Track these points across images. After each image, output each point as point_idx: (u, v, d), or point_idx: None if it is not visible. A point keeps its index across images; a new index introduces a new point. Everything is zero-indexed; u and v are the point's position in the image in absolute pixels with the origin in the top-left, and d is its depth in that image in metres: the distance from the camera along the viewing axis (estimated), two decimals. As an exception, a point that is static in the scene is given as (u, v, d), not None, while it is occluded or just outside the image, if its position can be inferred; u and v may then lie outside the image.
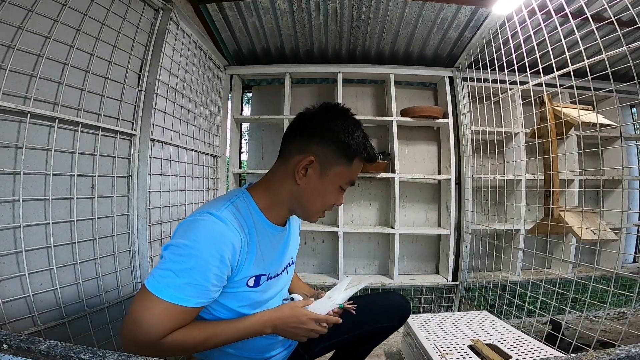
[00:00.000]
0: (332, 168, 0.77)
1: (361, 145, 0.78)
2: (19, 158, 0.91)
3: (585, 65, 1.24)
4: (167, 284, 0.64)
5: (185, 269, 0.65)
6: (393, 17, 1.85)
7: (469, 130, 2.15)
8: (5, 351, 0.53)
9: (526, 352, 1.11)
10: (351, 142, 0.76)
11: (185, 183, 1.68)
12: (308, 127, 0.79)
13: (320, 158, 0.76)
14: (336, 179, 0.78)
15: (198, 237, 0.66)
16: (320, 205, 0.80)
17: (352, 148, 0.77)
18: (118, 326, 1.21)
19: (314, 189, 0.78)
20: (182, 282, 0.64)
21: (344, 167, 0.78)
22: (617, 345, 0.66)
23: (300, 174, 0.76)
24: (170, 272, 0.65)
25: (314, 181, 0.77)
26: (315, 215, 0.82)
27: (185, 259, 0.65)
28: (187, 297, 0.65)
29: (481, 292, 2.06)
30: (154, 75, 1.36)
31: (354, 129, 0.78)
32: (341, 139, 0.76)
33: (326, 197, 0.79)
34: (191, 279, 0.65)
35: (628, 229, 2.38)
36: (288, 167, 0.78)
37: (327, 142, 0.76)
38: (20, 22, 0.91)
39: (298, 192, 0.78)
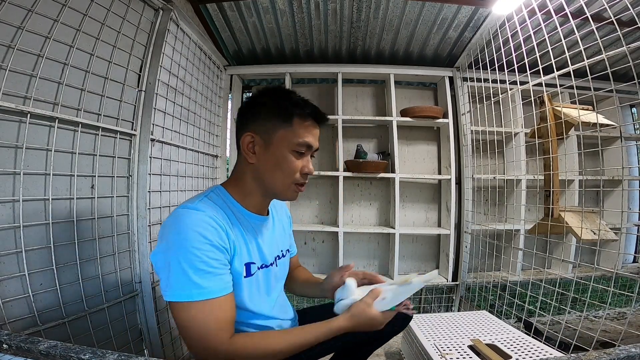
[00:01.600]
0: (274, 135, 0.77)
1: (295, 104, 0.79)
2: (19, 158, 0.91)
3: (585, 65, 1.24)
4: (182, 286, 0.65)
5: (186, 264, 0.65)
6: (393, 17, 1.85)
7: (469, 130, 2.15)
8: (5, 351, 0.53)
9: (526, 352, 1.11)
10: (281, 104, 0.78)
11: (185, 183, 1.67)
12: (242, 112, 0.83)
13: (259, 131, 0.78)
14: (283, 144, 0.77)
15: (180, 230, 0.67)
16: (283, 176, 0.79)
17: (285, 110, 0.78)
18: (118, 326, 1.21)
19: (267, 162, 0.78)
20: (192, 276, 0.65)
21: (285, 130, 0.77)
22: (617, 345, 0.66)
23: (249, 153, 0.78)
24: (177, 276, 0.65)
25: (264, 154, 0.78)
26: (287, 190, 0.81)
27: (180, 254, 0.65)
28: (207, 288, 0.65)
29: (481, 292, 2.06)
30: (154, 75, 1.36)
31: (283, 94, 0.81)
32: (269, 105, 0.78)
33: (284, 166, 0.78)
34: (196, 270, 0.65)
35: (628, 229, 2.38)
36: (241, 155, 0.81)
37: (259, 115, 0.79)
38: (20, 22, 0.91)
39: (257, 171, 0.80)
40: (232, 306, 0.71)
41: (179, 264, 0.65)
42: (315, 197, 2.40)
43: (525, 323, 1.64)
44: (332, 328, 0.76)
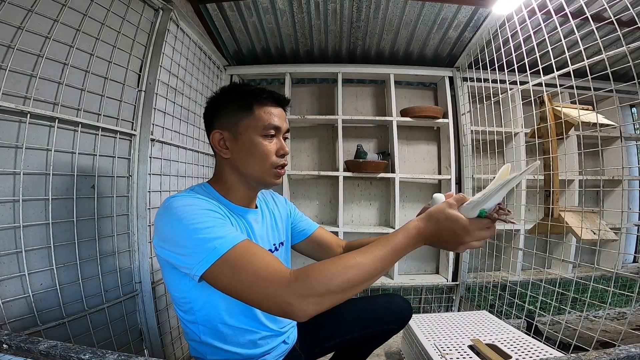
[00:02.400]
0: (239, 126, 0.79)
1: (251, 92, 0.80)
2: (19, 158, 0.91)
3: (585, 65, 1.24)
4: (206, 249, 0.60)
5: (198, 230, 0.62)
6: (393, 17, 1.85)
7: (469, 130, 2.15)
8: (5, 351, 0.53)
9: (526, 352, 1.11)
10: (238, 96, 0.80)
11: (185, 183, 1.67)
12: (206, 113, 0.85)
13: (224, 127, 0.80)
14: (250, 132, 0.79)
15: (175, 212, 0.66)
16: (257, 161, 0.79)
17: (244, 99, 0.79)
18: (118, 326, 1.21)
19: (240, 152, 0.79)
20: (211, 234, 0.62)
21: (248, 119, 0.79)
22: (617, 345, 0.66)
23: (222, 149, 0.80)
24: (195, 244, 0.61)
25: (235, 147, 0.79)
26: (267, 174, 0.80)
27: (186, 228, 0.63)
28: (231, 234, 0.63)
29: (481, 292, 2.06)
30: (154, 75, 1.36)
31: (238, 87, 0.83)
32: (228, 100, 0.81)
33: (255, 152, 0.79)
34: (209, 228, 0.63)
35: (628, 229, 2.38)
36: (216, 155, 0.84)
37: (220, 112, 0.81)
38: (20, 22, 0.91)
39: (234, 164, 0.81)
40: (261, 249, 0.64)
41: (190, 235, 0.62)
42: (316, 197, 2.40)
43: (527, 323, 1.64)
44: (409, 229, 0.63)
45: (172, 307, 1.50)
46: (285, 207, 1.04)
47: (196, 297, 0.75)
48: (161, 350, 1.38)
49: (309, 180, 2.40)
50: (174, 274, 0.73)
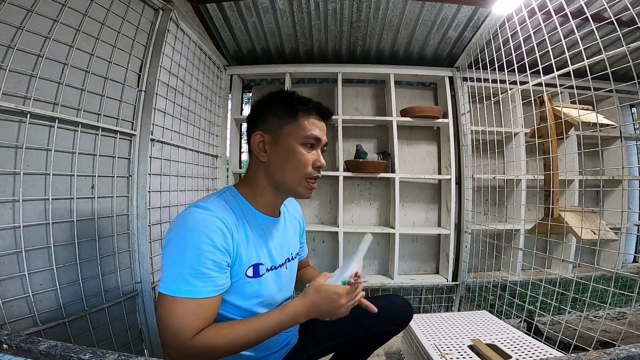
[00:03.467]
0: (281, 131, 0.80)
1: (299, 100, 0.83)
2: (19, 158, 0.91)
3: (585, 65, 1.24)
4: (175, 281, 0.67)
5: (184, 262, 0.67)
6: (393, 17, 1.85)
7: (469, 130, 2.15)
8: (5, 351, 0.53)
9: (526, 352, 1.11)
10: (285, 102, 0.82)
11: (185, 183, 1.68)
12: (250, 115, 0.86)
13: (267, 130, 0.81)
14: (291, 139, 0.80)
15: (187, 228, 0.70)
16: (293, 168, 0.80)
17: (290, 106, 0.81)
18: (118, 326, 1.21)
19: (278, 157, 0.80)
20: (186, 274, 0.67)
21: (292, 125, 0.80)
22: (617, 345, 0.66)
23: (260, 151, 0.81)
24: (172, 270, 0.68)
25: (274, 151, 0.81)
26: (299, 185, 0.81)
27: (180, 252, 0.68)
28: (196, 288, 0.67)
29: (481, 292, 2.06)
30: (154, 75, 1.36)
31: (285, 93, 0.85)
32: (274, 104, 0.83)
33: (294, 158, 0.80)
34: (191, 269, 0.67)
35: (628, 229, 2.38)
36: (252, 156, 0.84)
37: (265, 115, 0.83)
38: (20, 22, 0.91)
39: (269, 168, 0.82)
40: (216, 307, 0.72)
41: (179, 260, 0.68)
42: (316, 197, 2.40)
43: (527, 323, 1.64)
44: (288, 311, 0.74)
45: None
46: (301, 225, 1.06)
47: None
48: (161, 350, 1.38)
49: (309, 180, 2.40)
50: None
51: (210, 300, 0.69)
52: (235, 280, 0.76)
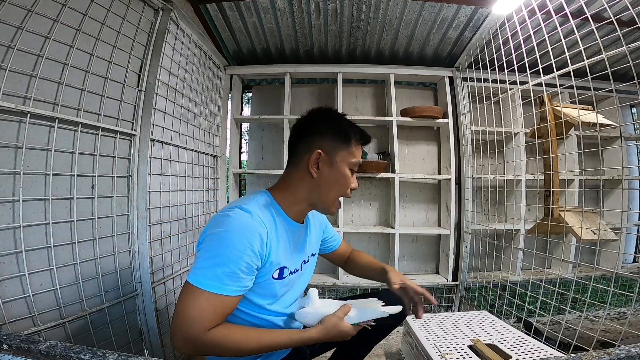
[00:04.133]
0: (337, 154, 0.87)
1: (352, 129, 0.90)
2: (19, 158, 0.91)
3: (585, 65, 1.24)
4: (206, 275, 0.71)
5: (221, 260, 0.72)
6: (393, 17, 1.85)
7: (469, 130, 2.15)
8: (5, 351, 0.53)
9: (526, 352, 1.11)
10: (343, 128, 0.89)
11: (185, 183, 1.68)
12: (306, 130, 0.90)
13: (326, 149, 0.86)
14: (344, 162, 0.87)
15: (229, 229, 0.74)
16: (337, 190, 0.88)
17: (347, 133, 0.88)
18: (118, 326, 1.21)
19: (328, 177, 0.87)
20: (220, 271, 0.71)
21: (346, 151, 0.88)
22: (617, 345, 0.66)
23: (314, 167, 0.86)
24: (208, 265, 0.72)
25: (327, 170, 0.87)
26: (333, 205, 0.90)
27: (220, 249, 0.72)
28: (225, 285, 0.72)
29: (481, 292, 2.06)
30: (154, 75, 1.36)
31: (341, 119, 0.92)
32: (336, 129, 0.88)
33: (341, 182, 0.88)
34: (226, 267, 0.72)
35: (628, 229, 2.38)
36: (301, 167, 0.88)
37: (325, 135, 0.88)
38: (20, 22, 0.91)
39: (316, 184, 0.87)
40: (234, 306, 0.76)
41: (216, 257, 0.72)
42: (315, 197, 2.40)
43: (525, 323, 1.64)
44: (303, 337, 0.81)
45: (172, 307, 1.51)
46: (321, 223, 1.13)
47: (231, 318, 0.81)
48: (161, 350, 1.38)
49: (309, 180, 2.40)
50: None
51: (232, 298, 0.74)
52: (261, 281, 0.81)
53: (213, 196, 2.04)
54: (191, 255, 1.72)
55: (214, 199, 2.05)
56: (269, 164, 2.41)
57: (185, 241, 1.65)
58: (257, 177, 2.44)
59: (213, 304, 0.71)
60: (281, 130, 2.23)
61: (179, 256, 1.59)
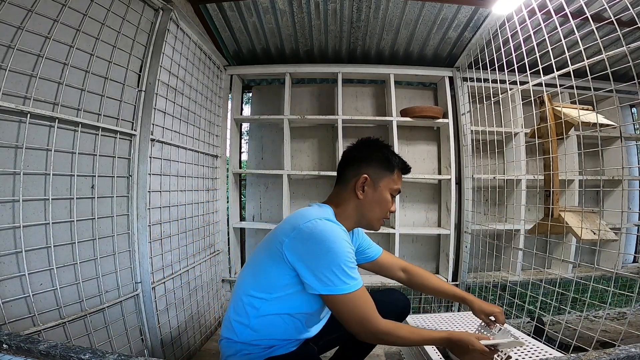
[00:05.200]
0: (381, 180, 0.99)
1: (396, 158, 1.02)
2: (19, 158, 0.91)
3: (585, 65, 1.24)
4: (344, 281, 0.83)
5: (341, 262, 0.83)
6: (393, 17, 1.85)
7: (469, 130, 2.15)
8: (5, 351, 0.53)
9: (526, 352, 1.11)
10: (388, 158, 1.01)
11: (185, 183, 1.68)
12: (356, 156, 1.03)
13: (371, 175, 0.98)
14: (386, 188, 1.00)
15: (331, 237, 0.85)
16: (379, 212, 1.00)
17: (391, 162, 1.01)
18: (118, 326, 1.21)
19: (372, 199, 0.99)
20: (347, 272, 0.84)
21: (389, 178, 1.00)
22: (617, 345, 0.66)
23: (360, 190, 0.98)
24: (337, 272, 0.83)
25: (371, 193, 0.99)
26: (377, 223, 1.02)
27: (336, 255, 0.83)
28: (358, 279, 0.86)
29: (481, 292, 2.06)
30: (154, 75, 1.36)
31: (387, 150, 1.03)
32: (381, 158, 1.01)
33: (382, 204, 1.00)
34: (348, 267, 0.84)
35: (628, 229, 2.38)
36: (349, 188, 1.00)
37: (372, 162, 1.00)
38: (20, 22, 0.91)
39: (361, 205, 0.99)
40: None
41: (337, 263, 0.83)
42: (316, 197, 2.40)
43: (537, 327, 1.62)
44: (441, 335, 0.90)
45: (172, 307, 1.51)
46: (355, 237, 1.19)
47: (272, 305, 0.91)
48: (161, 350, 1.38)
49: (309, 180, 2.40)
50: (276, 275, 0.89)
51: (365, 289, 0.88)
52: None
53: (213, 196, 2.04)
54: (191, 255, 1.72)
55: (214, 199, 2.05)
56: (269, 164, 2.41)
57: (185, 241, 1.65)
58: (257, 177, 2.44)
59: (366, 295, 0.86)
60: (281, 130, 2.23)
61: (179, 256, 1.59)
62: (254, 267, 0.96)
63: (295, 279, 0.88)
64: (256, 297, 0.91)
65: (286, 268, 0.87)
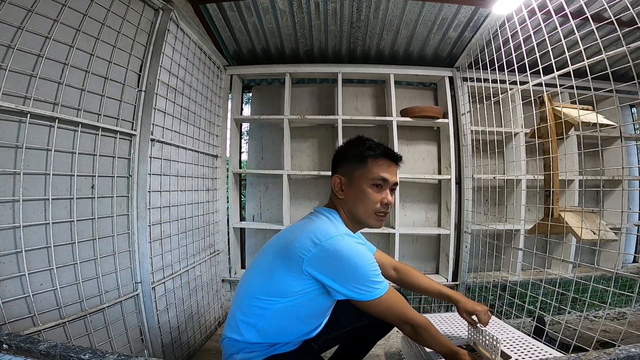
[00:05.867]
0: (354, 174, 0.97)
1: (368, 147, 0.97)
2: (19, 158, 0.91)
3: (585, 65, 1.24)
4: (373, 287, 0.87)
5: (369, 271, 0.86)
6: (393, 17, 1.85)
7: (469, 130, 2.15)
8: (5, 351, 0.53)
9: (526, 352, 1.11)
10: (356, 149, 0.98)
11: (185, 183, 1.67)
12: (333, 160, 1.05)
13: (344, 173, 0.99)
14: (361, 181, 0.96)
15: (355, 250, 0.87)
16: (363, 207, 0.96)
17: (360, 153, 0.97)
18: (118, 326, 1.21)
19: (352, 196, 0.97)
20: (374, 277, 0.87)
21: (362, 169, 0.96)
22: (617, 345, 0.66)
23: (339, 191, 0.99)
24: (366, 280, 0.86)
25: (349, 191, 0.98)
26: (369, 218, 0.97)
27: (362, 267, 0.86)
28: (384, 281, 0.90)
29: (481, 292, 2.06)
30: (154, 75, 1.36)
31: (358, 141, 1.00)
32: (351, 153, 0.99)
33: (363, 199, 0.95)
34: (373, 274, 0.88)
35: (628, 229, 2.38)
36: (333, 192, 1.02)
37: (343, 161, 1.01)
38: (20, 22, 0.91)
39: (346, 203, 0.99)
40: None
41: (368, 277, 0.86)
42: (316, 197, 2.40)
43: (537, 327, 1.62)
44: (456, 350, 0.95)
45: (172, 307, 1.51)
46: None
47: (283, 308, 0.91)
48: (161, 350, 1.38)
49: (309, 180, 2.40)
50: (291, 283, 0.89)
51: (393, 289, 0.92)
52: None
53: (213, 196, 2.04)
54: (191, 255, 1.72)
55: (214, 199, 2.05)
56: (269, 164, 2.41)
57: (185, 241, 1.65)
58: (257, 177, 2.44)
59: (396, 295, 0.91)
60: (281, 130, 2.23)
61: (179, 256, 1.59)
62: (265, 273, 0.94)
63: (313, 286, 0.89)
64: (266, 300, 0.91)
65: (305, 278, 0.88)
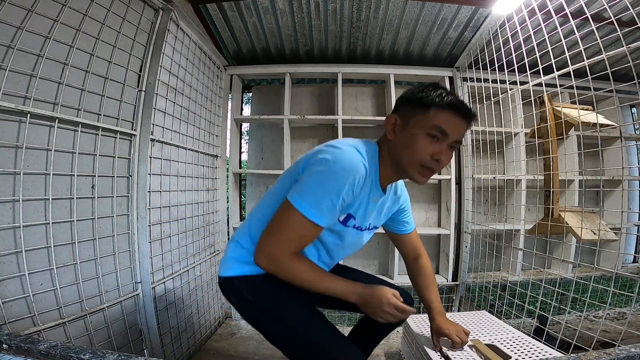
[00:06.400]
0: (411, 120, 0.87)
1: (436, 96, 0.86)
2: (19, 158, 0.91)
3: (585, 65, 1.24)
4: (310, 201, 0.77)
5: (325, 191, 0.77)
6: (393, 17, 1.85)
7: (469, 130, 2.14)
8: (5, 351, 0.53)
9: (526, 352, 1.11)
10: (423, 95, 0.87)
11: (185, 183, 1.67)
12: (400, 97, 0.95)
13: (402, 115, 0.90)
14: (417, 127, 0.86)
15: (342, 164, 0.79)
16: (409, 156, 0.87)
17: (426, 98, 0.86)
18: (118, 326, 1.21)
19: (401, 140, 0.89)
20: (323, 203, 0.77)
21: (422, 116, 0.86)
22: (617, 345, 0.66)
23: (390, 131, 0.91)
24: (314, 193, 0.77)
25: (400, 134, 0.89)
26: (412, 168, 0.88)
27: (329, 181, 0.77)
28: (323, 215, 0.78)
29: (481, 292, 2.06)
30: (154, 75, 1.36)
31: (430, 88, 0.88)
32: (415, 96, 0.89)
33: (410, 147, 0.86)
34: (329, 202, 0.77)
35: (628, 229, 2.38)
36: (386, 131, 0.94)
37: (408, 102, 0.91)
38: (20, 22, 0.91)
39: (392, 146, 0.91)
40: (311, 239, 0.84)
41: (323, 189, 0.77)
42: (315, 197, 2.40)
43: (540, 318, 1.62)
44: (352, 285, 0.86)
45: (172, 307, 1.51)
46: (402, 201, 1.17)
47: None
48: (161, 350, 1.38)
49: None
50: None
51: (320, 229, 0.81)
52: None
53: (213, 196, 2.04)
54: (191, 255, 1.72)
55: (214, 199, 2.05)
56: (269, 164, 2.41)
57: (185, 241, 1.65)
58: (257, 177, 2.44)
59: (306, 231, 0.78)
60: (281, 130, 2.23)
61: (179, 256, 1.59)
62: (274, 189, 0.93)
63: None
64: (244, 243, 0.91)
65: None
